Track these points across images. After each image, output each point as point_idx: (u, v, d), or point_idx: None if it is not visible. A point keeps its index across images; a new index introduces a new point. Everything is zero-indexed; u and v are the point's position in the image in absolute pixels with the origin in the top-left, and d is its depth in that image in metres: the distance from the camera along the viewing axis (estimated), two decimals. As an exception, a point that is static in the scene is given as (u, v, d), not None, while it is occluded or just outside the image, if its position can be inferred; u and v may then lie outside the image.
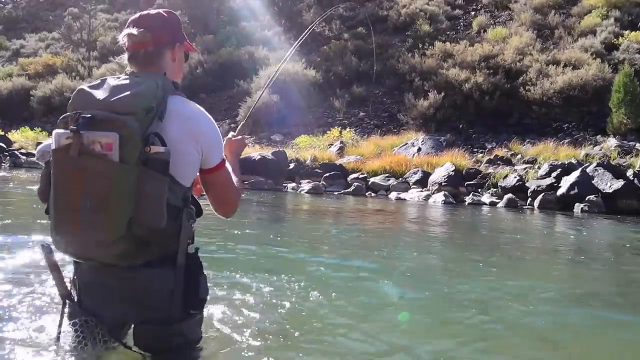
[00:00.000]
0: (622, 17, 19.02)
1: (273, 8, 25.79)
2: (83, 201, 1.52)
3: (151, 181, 1.52)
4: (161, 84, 1.62)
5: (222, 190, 1.84)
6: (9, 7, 40.29)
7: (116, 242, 1.54)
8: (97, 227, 1.53)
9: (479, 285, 3.80)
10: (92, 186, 1.51)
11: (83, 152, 1.50)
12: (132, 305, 1.69)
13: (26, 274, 3.25)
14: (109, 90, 1.61)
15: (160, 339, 1.73)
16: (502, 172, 11.89)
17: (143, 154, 1.51)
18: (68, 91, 23.09)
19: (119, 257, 1.59)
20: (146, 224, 1.53)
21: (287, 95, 17.55)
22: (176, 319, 1.71)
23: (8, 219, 5.66)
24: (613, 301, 3.62)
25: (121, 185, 1.50)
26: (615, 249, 6.09)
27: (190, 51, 1.94)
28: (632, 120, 13.43)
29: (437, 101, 16.76)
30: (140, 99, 1.56)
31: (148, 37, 1.73)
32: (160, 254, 1.65)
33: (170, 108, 1.63)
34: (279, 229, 6.59)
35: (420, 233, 6.72)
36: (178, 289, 1.68)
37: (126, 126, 1.50)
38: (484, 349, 2.49)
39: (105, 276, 1.68)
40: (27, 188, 10.01)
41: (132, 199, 1.51)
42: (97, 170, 1.50)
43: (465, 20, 22.93)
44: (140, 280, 1.66)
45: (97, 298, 1.72)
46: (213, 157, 1.75)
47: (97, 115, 1.52)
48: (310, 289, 3.28)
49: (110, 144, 1.49)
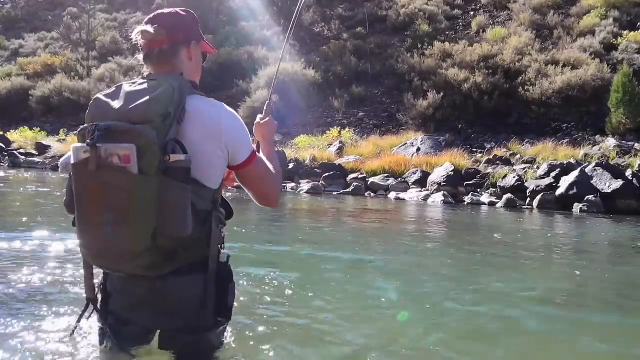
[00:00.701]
0: (621, 18, 19.04)
1: (272, 8, 25.78)
2: (105, 215, 1.49)
3: (173, 191, 1.47)
4: (177, 86, 1.56)
5: (258, 183, 1.77)
6: (8, 6, 40.24)
7: (141, 254, 1.50)
8: (120, 240, 1.49)
9: (478, 285, 3.81)
10: (112, 200, 1.48)
11: (101, 166, 1.47)
12: (161, 314, 1.65)
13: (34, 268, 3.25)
14: (125, 98, 1.56)
15: (188, 346, 1.69)
16: (501, 172, 11.89)
17: (162, 163, 1.46)
18: (67, 91, 23.10)
19: (145, 268, 1.55)
20: (171, 235, 1.49)
21: (286, 95, 17.54)
22: (206, 327, 1.67)
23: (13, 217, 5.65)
24: (611, 302, 3.63)
25: (142, 197, 1.46)
26: (613, 249, 6.09)
27: (209, 52, 1.88)
28: (631, 120, 13.44)
29: (436, 101, 16.77)
30: (156, 105, 1.51)
31: (163, 35, 1.67)
32: (189, 260, 1.61)
33: (190, 109, 1.58)
34: (278, 228, 6.59)
35: (419, 233, 6.72)
36: (210, 297, 1.63)
37: (143, 136, 1.45)
38: (482, 348, 2.50)
39: (134, 285, 1.65)
40: (27, 187, 10.00)
41: (155, 210, 1.47)
42: (117, 183, 1.46)
43: (465, 20, 22.94)
44: (169, 289, 1.62)
45: (127, 305, 1.69)
46: (241, 153, 1.68)
47: (113, 127, 1.48)
48: (310, 288, 3.28)
49: (127, 155, 1.45)
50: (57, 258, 3.73)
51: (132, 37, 1.73)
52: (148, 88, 1.56)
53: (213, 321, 1.67)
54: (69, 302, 2.70)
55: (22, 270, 3.32)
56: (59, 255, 3.82)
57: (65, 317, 2.45)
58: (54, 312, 2.53)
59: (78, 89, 23.19)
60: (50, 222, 5.51)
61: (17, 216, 6.16)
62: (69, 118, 22.37)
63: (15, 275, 3.19)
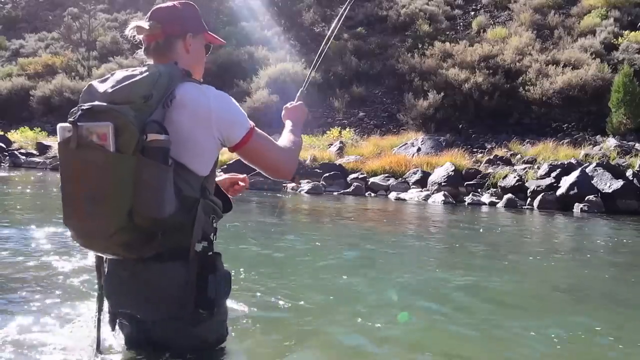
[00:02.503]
0: (621, 17, 19.03)
1: (273, 8, 25.78)
2: (83, 192, 1.53)
3: (149, 170, 1.49)
4: (165, 72, 1.59)
5: (262, 158, 1.76)
6: (8, 7, 40.24)
7: (117, 232, 1.52)
8: (97, 217, 1.52)
9: (478, 285, 3.80)
10: (90, 177, 1.51)
11: (81, 144, 1.51)
12: (142, 300, 1.65)
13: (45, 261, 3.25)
14: (113, 82, 1.61)
15: (174, 340, 1.68)
16: (501, 172, 11.89)
17: (140, 142, 1.48)
18: (67, 91, 23.10)
19: (123, 248, 1.56)
20: (146, 215, 1.50)
21: (286, 95, 17.48)
22: (188, 319, 1.65)
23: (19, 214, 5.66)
24: (611, 302, 3.63)
25: (117, 175, 1.49)
26: (613, 249, 6.08)
27: (213, 42, 1.88)
28: (632, 121, 13.43)
29: (436, 101, 16.77)
30: (137, 87, 1.55)
31: (158, 29, 1.72)
32: (172, 246, 1.61)
33: (180, 95, 1.60)
34: (277, 228, 6.59)
35: (419, 233, 6.72)
36: (189, 286, 1.61)
37: (120, 115, 1.48)
38: (482, 348, 2.49)
39: (120, 268, 1.66)
40: (28, 187, 10.01)
41: (131, 189, 1.49)
42: (94, 160, 1.50)
43: (465, 20, 22.93)
44: (150, 274, 1.63)
45: (114, 289, 1.70)
46: (235, 134, 1.68)
47: (95, 107, 1.52)
48: (307, 287, 3.28)
49: (105, 134, 1.48)
50: (59, 251, 3.73)
51: (126, 32, 1.78)
52: (136, 73, 1.61)
53: (193, 311, 1.63)
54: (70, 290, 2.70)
55: (31, 263, 3.32)
56: (61, 248, 3.82)
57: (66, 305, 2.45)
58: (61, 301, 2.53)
59: (79, 89, 23.14)
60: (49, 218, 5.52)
61: (19, 214, 6.17)
62: (69, 118, 22.37)
63: (22, 268, 3.19)
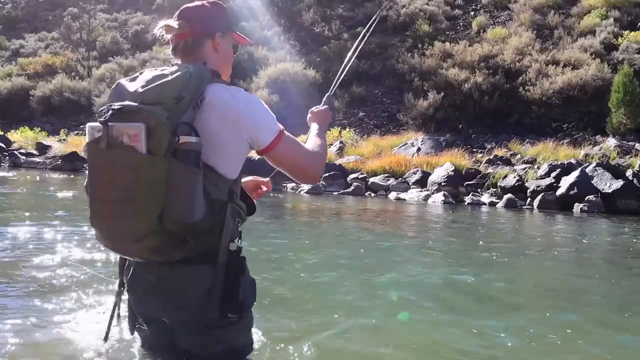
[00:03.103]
0: (621, 18, 19.03)
1: (273, 8, 25.78)
2: (113, 194, 1.49)
3: (180, 173, 1.46)
4: (196, 72, 1.56)
5: (290, 162, 1.73)
6: (8, 7, 40.24)
7: (147, 236, 1.49)
8: (126, 220, 1.49)
9: (478, 285, 3.81)
10: (120, 178, 1.48)
11: (112, 144, 1.47)
12: (167, 304, 1.62)
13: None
14: (143, 81, 1.58)
15: (199, 346, 1.63)
16: (501, 172, 11.89)
17: (172, 144, 1.46)
18: (67, 91, 23.11)
19: (152, 252, 1.53)
20: (176, 218, 1.47)
21: (286, 95, 17.55)
22: (214, 323, 1.60)
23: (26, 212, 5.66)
24: (612, 302, 3.63)
25: (148, 177, 1.46)
26: (612, 249, 6.09)
27: (240, 42, 1.86)
28: (632, 121, 13.43)
29: (436, 101, 16.77)
30: (169, 87, 1.52)
31: (186, 28, 1.69)
32: (200, 250, 1.57)
33: (209, 96, 1.57)
34: (277, 228, 6.59)
35: (419, 233, 6.72)
36: (216, 290, 1.58)
37: (152, 116, 1.45)
38: (482, 348, 2.49)
39: (145, 271, 1.64)
40: (28, 187, 10.01)
41: (162, 192, 1.46)
42: (125, 162, 1.46)
43: (465, 20, 22.93)
44: (177, 277, 1.59)
45: (138, 291, 1.68)
46: (264, 138, 1.64)
47: (126, 107, 1.49)
48: (307, 287, 3.28)
49: (137, 135, 1.45)
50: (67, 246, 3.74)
51: (155, 31, 1.73)
52: (166, 73, 1.58)
53: (220, 316, 1.58)
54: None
55: (41, 262, 3.33)
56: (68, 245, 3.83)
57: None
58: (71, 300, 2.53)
59: (78, 89, 23.21)
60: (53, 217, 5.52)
61: (22, 213, 6.17)
62: (69, 118, 22.38)
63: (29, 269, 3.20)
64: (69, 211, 6.65)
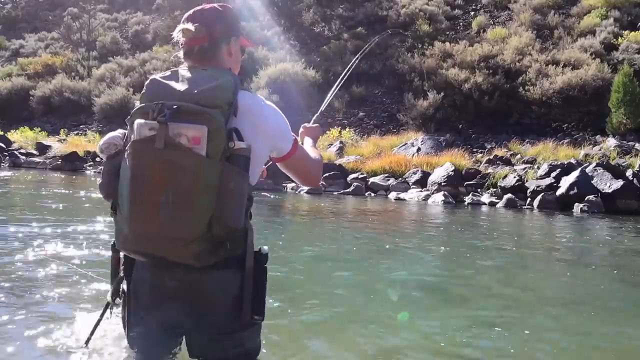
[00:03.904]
0: (621, 17, 19.03)
1: (272, 8, 25.78)
2: (165, 196, 1.44)
3: (234, 177, 1.46)
4: (236, 79, 1.58)
5: (302, 168, 1.83)
6: (8, 7, 40.24)
7: (195, 241, 1.45)
8: (178, 223, 1.45)
9: (477, 285, 3.81)
10: (176, 180, 1.44)
11: (169, 144, 1.44)
12: (192, 309, 1.57)
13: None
14: (188, 81, 1.55)
15: (218, 349, 1.60)
16: (501, 172, 11.89)
17: (227, 149, 1.46)
18: (67, 91, 23.10)
19: (195, 257, 1.48)
20: (226, 223, 1.46)
21: (286, 95, 17.54)
22: (236, 327, 1.58)
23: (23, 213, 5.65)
24: (612, 303, 3.63)
25: (206, 181, 1.44)
26: (612, 249, 6.09)
27: (247, 46, 1.87)
28: (632, 121, 13.43)
29: (436, 101, 16.77)
30: (223, 92, 1.51)
31: (203, 32, 1.66)
32: (227, 254, 1.55)
33: (242, 104, 1.57)
34: (277, 228, 6.59)
35: (419, 233, 6.72)
36: (247, 293, 1.56)
37: (214, 120, 1.44)
38: (482, 348, 2.49)
39: (165, 276, 1.57)
40: (29, 187, 10.01)
41: (214, 197, 1.45)
42: (183, 163, 1.43)
43: (465, 20, 22.93)
44: (205, 282, 1.55)
45: (152, 298, 1.60)
46: (286, 144, 1.72)
47: (184, 107, 1.46)
48: (307, 287, 3.28)
49: (198, 137, 1.43)
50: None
51: (173, 35, 1.70)
52: (209, 76, 1.56)
53: (248, 319, 1.58)
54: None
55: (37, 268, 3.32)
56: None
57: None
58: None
59: (78, 89, 23.21)
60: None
61: (23, 213, 6.17)
62: (69, 118, 22.38)
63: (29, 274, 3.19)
64: (65, 211, 6.65)
